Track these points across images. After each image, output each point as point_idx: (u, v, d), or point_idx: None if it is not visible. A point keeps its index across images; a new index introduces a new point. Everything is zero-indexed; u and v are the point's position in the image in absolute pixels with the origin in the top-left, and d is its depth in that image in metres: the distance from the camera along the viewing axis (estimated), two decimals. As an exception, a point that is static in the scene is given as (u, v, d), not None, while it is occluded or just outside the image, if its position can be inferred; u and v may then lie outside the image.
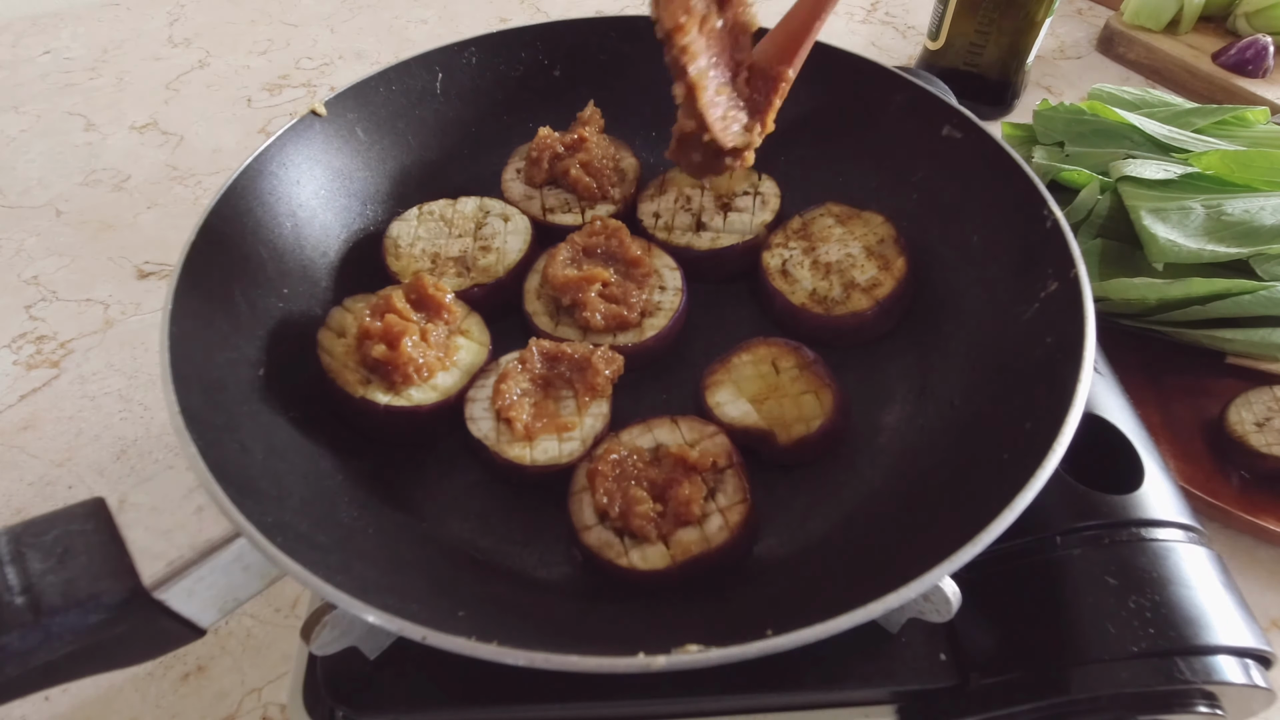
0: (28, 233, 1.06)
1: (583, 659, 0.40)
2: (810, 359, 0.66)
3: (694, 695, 0.53)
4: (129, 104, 1.28)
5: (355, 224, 0.76)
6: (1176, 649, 0.48)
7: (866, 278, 0.71)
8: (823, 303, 0.71)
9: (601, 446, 0.60)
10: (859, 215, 0.76)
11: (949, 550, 0.43)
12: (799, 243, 0.75)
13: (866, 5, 1.53)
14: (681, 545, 0.55)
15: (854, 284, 0.71)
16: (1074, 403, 0.49)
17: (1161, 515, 0.55)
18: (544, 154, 0.80)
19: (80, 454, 0.82)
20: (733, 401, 0.64)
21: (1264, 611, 0.70)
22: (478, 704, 0.51)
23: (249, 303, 0.63)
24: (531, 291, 0.73)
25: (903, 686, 0.53)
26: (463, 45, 0.82)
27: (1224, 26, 1.32)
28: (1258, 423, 0.74)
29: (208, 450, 0.47)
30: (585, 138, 0.80)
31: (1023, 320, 0.62)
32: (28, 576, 0.42)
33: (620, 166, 0.83)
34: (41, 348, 0.92)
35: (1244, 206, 0.81)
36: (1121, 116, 0.94)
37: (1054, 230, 0.61)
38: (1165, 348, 0.84)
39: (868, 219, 0.75)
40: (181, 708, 0.66)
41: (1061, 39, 1.41)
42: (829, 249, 0.74)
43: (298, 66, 1.37)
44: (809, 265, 0.73)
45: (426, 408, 0.62)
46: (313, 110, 0.73)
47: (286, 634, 0.70)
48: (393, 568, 0.52)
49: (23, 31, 1.44)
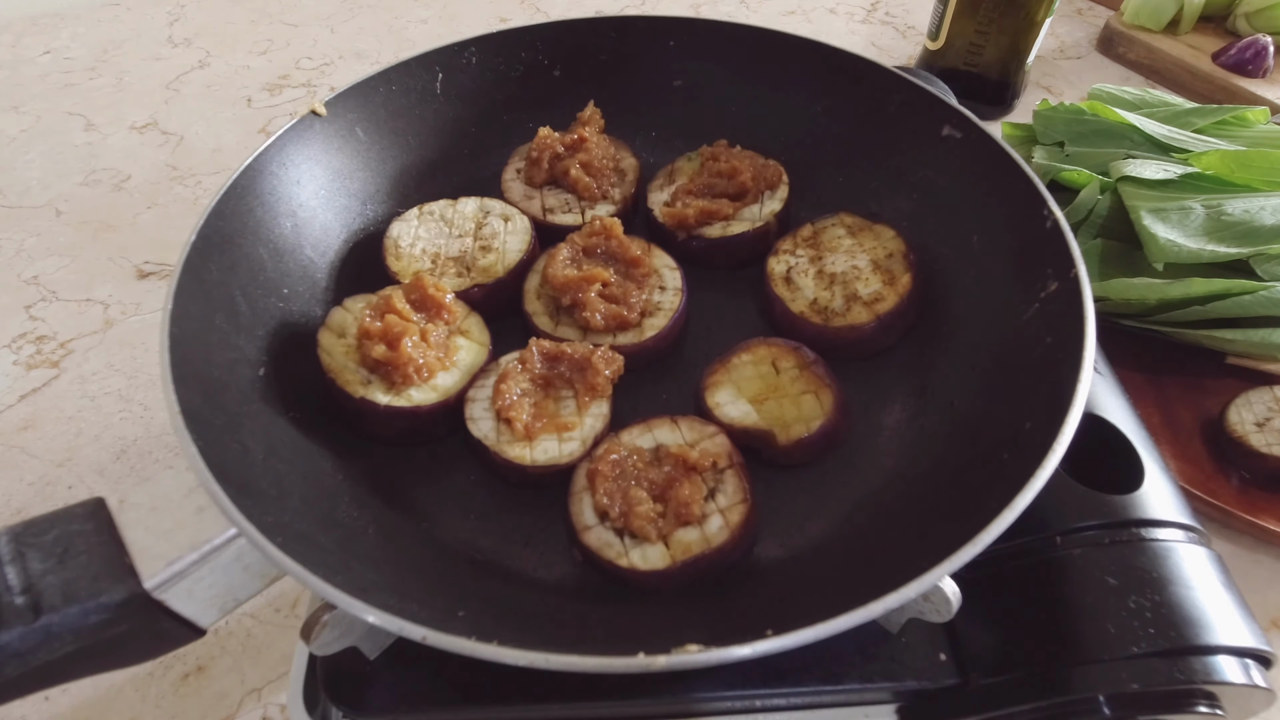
0: (28, 233, 1.06)
1: (583, 659, 0.40)
2: (810, 359, 0.66)
3: (694, 695, 0.53)
4: (129, 104, 1.28)
5: (355, 224, 0.76)
6: (1176, 649, 0.48)
7: (869, 291, 0.70)
8: (822, 313, 0.70)
9: (601, 447, 0.60)
10: (870, 228, 0.75)
11: (949, 550, 0.43)
12: (807, 250, 0.75)
13: (866, 5, 1.53)
14: (682, 545, 0.55)
15: (856, 297, 0.70)
16: (1074, 403, 0.49)
17: (1161, 515, 0.55)
18: (544, 154, 0.80)
19: (80, 454, 0.82)
20: (733, 402, 0.64)
21: (1264, 611, 0.70)
22: (478, 704, 0.51)
23: (249, 303, 0.63)
24: (531, 291, 0.73)
25: (903, 686, 0.53)
26: (463, 45, 0.82)
27: (1224, 26, 1.32)
28: (1258, 423, 0.74)
29: (208, 450, 0.47)
30: (585, 138, 0.80)
31: (1023, 320, 0.62)
32: (28, 576, 0.42)
33: (620, 166, 0.83)
34: (41, 348, 0.92)
35: (1244, 206, 0.81)
36: (1121, 116, 0.94)
37: (1054, 230, 0.61)
38: (1165, 348, 0.84)
39: (879, 232, 0.74)
40: (181, 708, 0.66)
41: (1061, 39, 1.41)
42: (836, 259, 0.73)
43: (298, 66, 1.37)
44: (813, 274, 0.73)
45: (426, 408, 0.62)
46: (313, 110, 0.73)
47: (286, 634, 0.70)
48: (393, 568, 0.52)
49: (23, 31, 1.44)
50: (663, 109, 0.88)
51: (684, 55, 0.86)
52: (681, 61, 0.86)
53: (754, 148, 0.82)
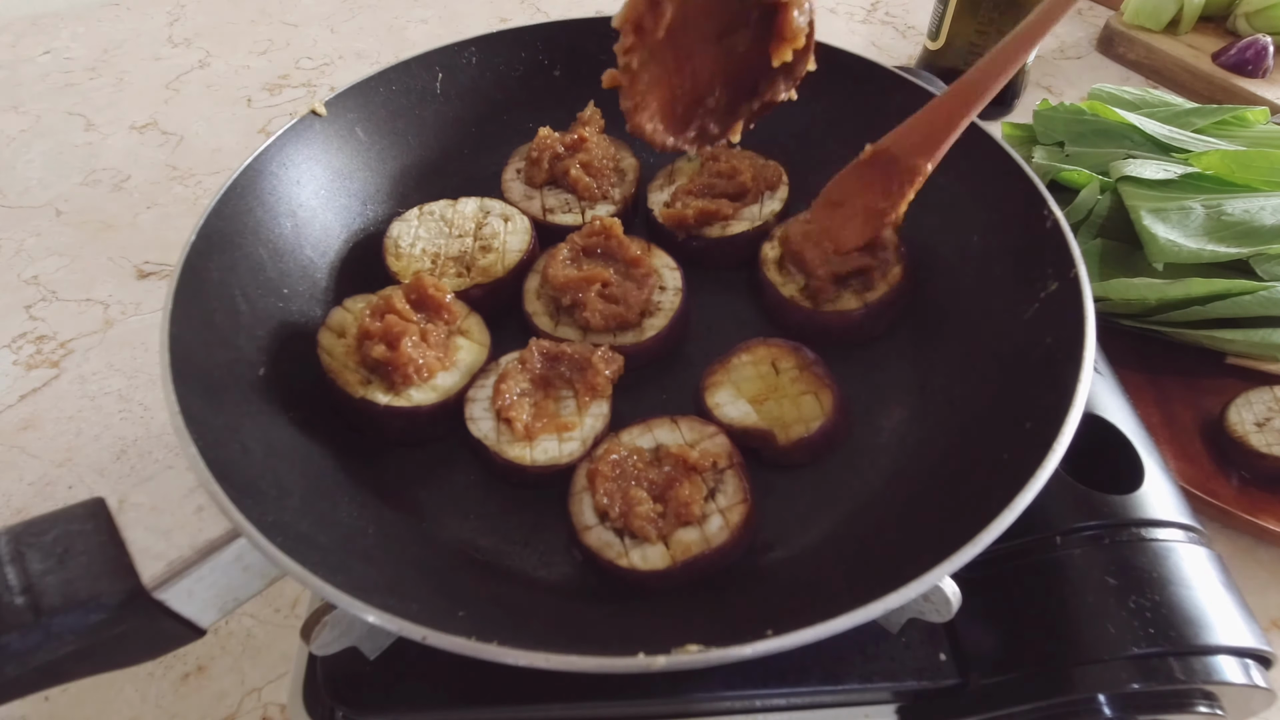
0: (28, 233, 1.06)
1: (583, 659, 0.40)
2: (810, 360, 0.66)
3: (694, 695, 0.53)
4: (129, 104, 1.28)
5: (355, 224, 0.76)
6: (1176, 649, 0.48)
7: (860, 280, 0.71)
8: (813, 298, 0.71)
9: (602, 447, 0.60)
10: None
11: (949, 550, 0.43)
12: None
13: (867, 5, 1.53)
14: (682, 545, 0.55)
15: (847, 285, 0.71)
16: (1074, 402, 0.49)
17: (1161, 515, 0.55)
18: (544, 154, 0.80)
19: (80, 454, 0.82)
20: (732, 402, 0.64)
21: (1264, 611, 0.70)
22: (478, 704, 0.51)
23: (249, 303, 0.63)
24: (531, 291, 0.73)
25: (903, 686, 0.53)
26: (463, 45, 0.82)
27: (1224, 26, 1.32)
28: (1258, 423, 0.74)
29: (208, 450, 0.47)
30: (585, 138, 0.80)
31: (1023, 320, 0.62)
32: (28, 576, 0.42)
33: (620, 166, 0.83)
34: (41, 348, 0.92)
35: (1244, 206, 0.81)
36: (1121, 116, 0.94)
37: (1054, 230, 0.61)
38: (1165, 348, 0.84)
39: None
40: (181, 708, 0.66)
41: (1061, 39, 1.41)
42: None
43: (298, 66, 1.37)
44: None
45: (426, 408, 0.62)
46: (313, 110, 0.73)
47: (286, 634, 0.70)
48: (393, 568, 0.53)
49: (23, 31, 1.44)
50: (663, 109, 0.88)
51: (684, 55, 0.86)
52: (681, 61, 0.86)
53: (754, 148, 0.82)
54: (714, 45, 0.50)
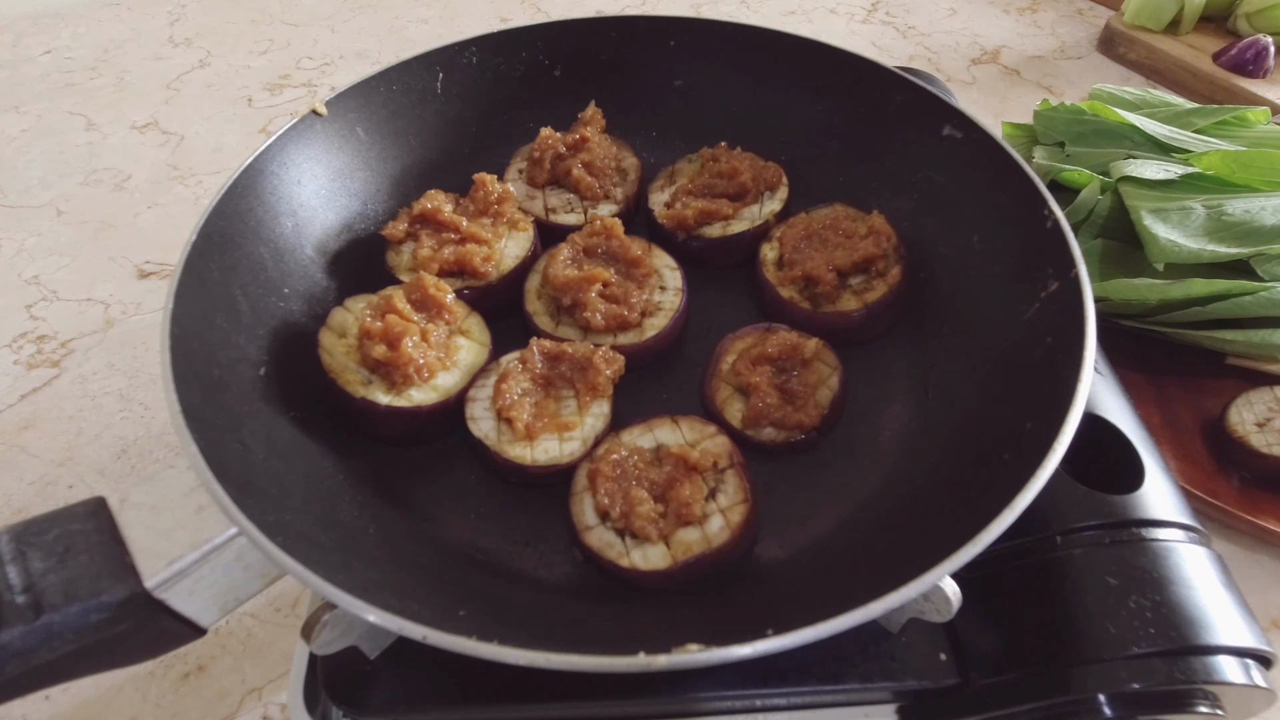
0: (28, 232, 1.06)
1: (583, 659, 0.40)
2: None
3: (695, 694, 0.53)
4: (129, 104, 1.28)
5: (356, 224, 0.76)
6: (1177, 649, 0.48)
7: (859, 280, 0.71)
8: (811, 299, 0.71)
9: (602, 447, 0.60)
10: (864, 219, 0.75)
11: (949, 550, 0.43)
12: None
13: (867, 5, 1.53)
14: (683, 545, 0.55)
15: (846, 285, 0.71)
16: (1074, 403, 0.49)
17: (1162, 515, 0.55)
18: (546, 154, 0.80)
19: (81, 453, 0.82)
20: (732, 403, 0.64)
21: (1264, 611, 0.70)
22: (478, 704, 0.51)
23: (250, 302, 0.63)
24: (532, 291, 0.73)
25: (903, 686, 0.53)
26: (463, 45, 0.82)
27: (1224, 27, 1.32)
28: (1258, 423, 0.74)
29: (209, 450, 0.47)
30: (587, 138, 0.80)
31: (1023, 320, 0.62)
32: (29, 575, 0.43)
33: (622, 166, 0.83)
34: (42, 347, 0.92)
35: (1244, 207, 0.81)
36: (1122, 116, 0.94)
37: (1054, 230, 0.61)
38: (1165, 348, 0.84)
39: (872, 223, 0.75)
40: (181, 707, 0.66)
41: (1062, 39, 1.41)
42: (828, 248, 0.74)
43: (298, 66, 1.37)
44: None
45: (427, 408, 0.62)
46: (313, 110, 0.73)
47: (287, 634, 0.70)
48: (393, 567, 0.53)
49: (23, 31, 1.44)
50: (663, 109, 0.88)
51: (685, 55, 0.86)
52: (682, 61, 0.86)
53: (754, 147, 0.82)
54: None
